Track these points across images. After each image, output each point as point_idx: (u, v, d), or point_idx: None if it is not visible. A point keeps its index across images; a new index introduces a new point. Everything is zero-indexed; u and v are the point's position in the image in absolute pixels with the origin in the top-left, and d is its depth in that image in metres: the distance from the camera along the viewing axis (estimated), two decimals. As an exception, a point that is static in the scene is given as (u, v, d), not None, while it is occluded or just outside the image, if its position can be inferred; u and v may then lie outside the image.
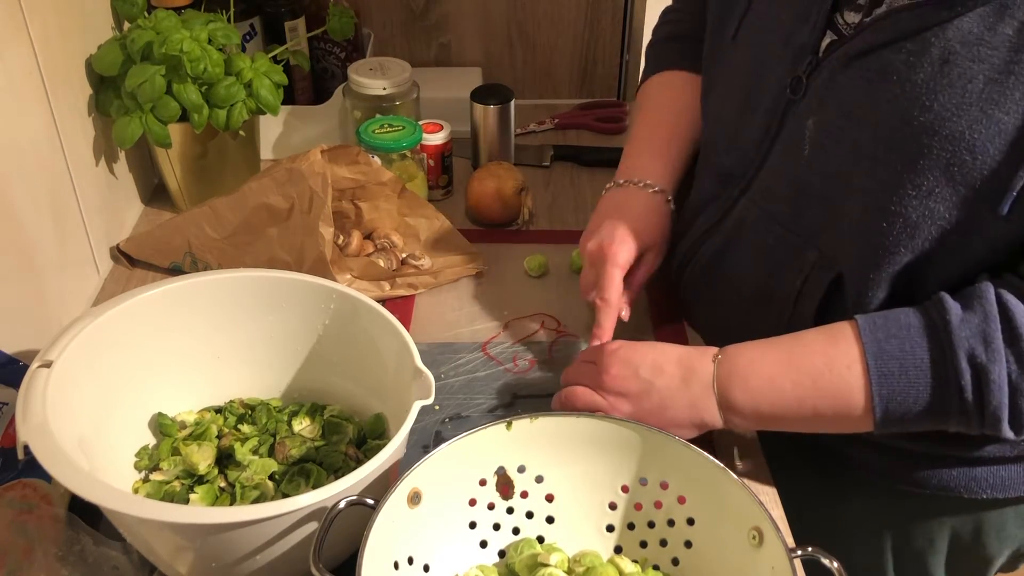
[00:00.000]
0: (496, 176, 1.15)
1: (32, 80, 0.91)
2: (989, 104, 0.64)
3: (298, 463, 0.78)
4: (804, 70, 0.76)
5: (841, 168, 0.73)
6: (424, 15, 1.44)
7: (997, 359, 0.66)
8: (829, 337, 0.73)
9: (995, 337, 0.66)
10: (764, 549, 0.63)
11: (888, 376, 0.69)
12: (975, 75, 0.65)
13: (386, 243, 1.08)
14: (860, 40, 0.71)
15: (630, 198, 0.93)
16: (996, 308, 0.67)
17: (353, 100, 1.20)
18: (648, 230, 0.91)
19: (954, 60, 0.65)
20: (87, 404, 0.73)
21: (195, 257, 1.03)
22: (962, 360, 0.67)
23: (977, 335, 0.67)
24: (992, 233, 0.68)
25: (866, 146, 0.71)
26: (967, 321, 0.67)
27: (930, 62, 0.67)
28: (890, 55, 0.69)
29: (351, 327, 0.80)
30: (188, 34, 1.01)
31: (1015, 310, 0.66)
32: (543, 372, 0.95)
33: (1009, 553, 0.91)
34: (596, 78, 1.51)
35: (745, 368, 0.75)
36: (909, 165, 0.68)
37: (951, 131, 0.66)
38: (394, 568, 0.64)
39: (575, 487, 0.73)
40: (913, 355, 0.69)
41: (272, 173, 0.98)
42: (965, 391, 0.67)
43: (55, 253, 0.96)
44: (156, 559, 0.70)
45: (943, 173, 0.67)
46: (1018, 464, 0.82)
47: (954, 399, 0.68)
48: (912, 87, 0.67)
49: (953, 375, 0.68)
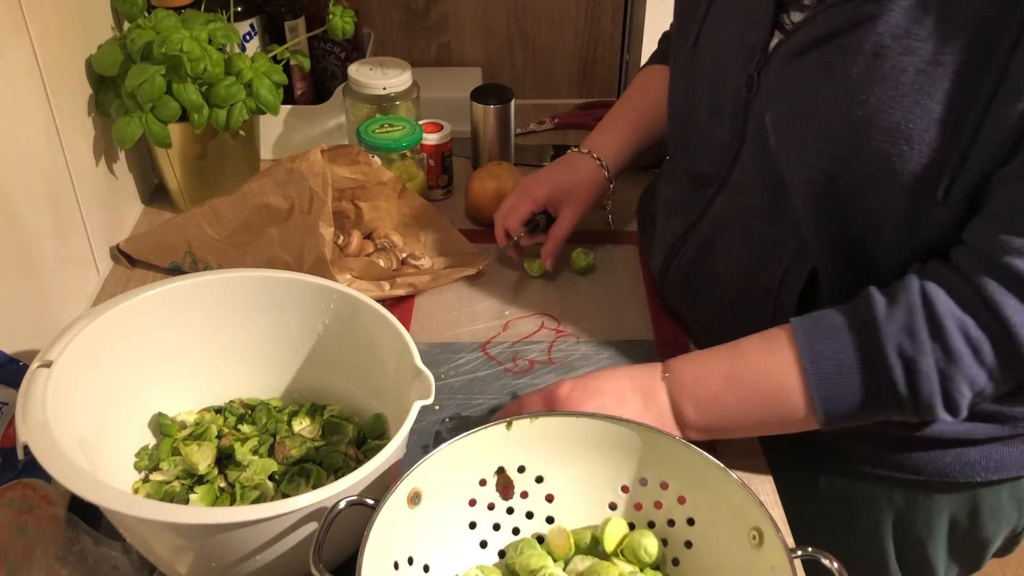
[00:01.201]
0: (496, 176, 1.15)
1: (32, 80, 0.91)
2: (921, 95, 0.67)
3: (298, 463, 0.78)
4: (755, 68, 0.79)
5: (793, 160, 0.77)
6: (424, 15, 1.44)
7: (924, 350, 0.68)
8: (766, 346, 0.76)
9: (920, 329, 0.69)
10: (764, 549, 0.63)
11: (824, 378, 0.72)
12: (906, 67, 0.67)
13: (386, 243, 1.08)
14: (798, 37, 0.74)
15: (573, 159, 1.06)
16: (920, 300, 0.69)
17: (353, 100, 1.20)
18: (573, 185, 1.03)
19: (885, 54, 0.68)
20: (87, 404, 0.73)
21: (195, 257, 1.03)
22: (891, 355, 0.69)
23: (903, 329, 0.69)
24: (936, 219, 0.71)
25: (811, 139, 0.74)
26: (893, 316, 0.70)
27: (863, 56, 0.69)
28: (828, 51, 0.72)
29: (351, 327, 0.80)
30: (188, 34, 1.01)
31: (936, 300, 0.69)
32: (543, 372, 0.95)
33: (1004, 535, 0.92)
34: (596, 78, 1.51)
35: (692, 386, 0.78)
36: (852, 156, 0.71)
37: (888, 123, 0.68)
38: (394, 568, 0.64)
39: (575, 487, 0.73)
40: (846, 355, 0.71)
41: (272, 173, 0.98)
42: (898, 384, 0.70)
43: (55, 253, 0.96)
44: (156, 559, 0.70)
45: (884, 163, 0.70)
46: (1011, 445, 0.83)
47: (888, 393, 0.70)
48: (848, 81, 0.70)
49: (885, 370, 0.70)
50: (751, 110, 0.80)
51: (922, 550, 0.92)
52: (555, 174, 1.04)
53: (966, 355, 0.68)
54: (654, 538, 0.70)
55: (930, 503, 0.88)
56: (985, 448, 0.83)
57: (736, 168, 0.84)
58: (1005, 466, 0.84)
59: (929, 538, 0.91)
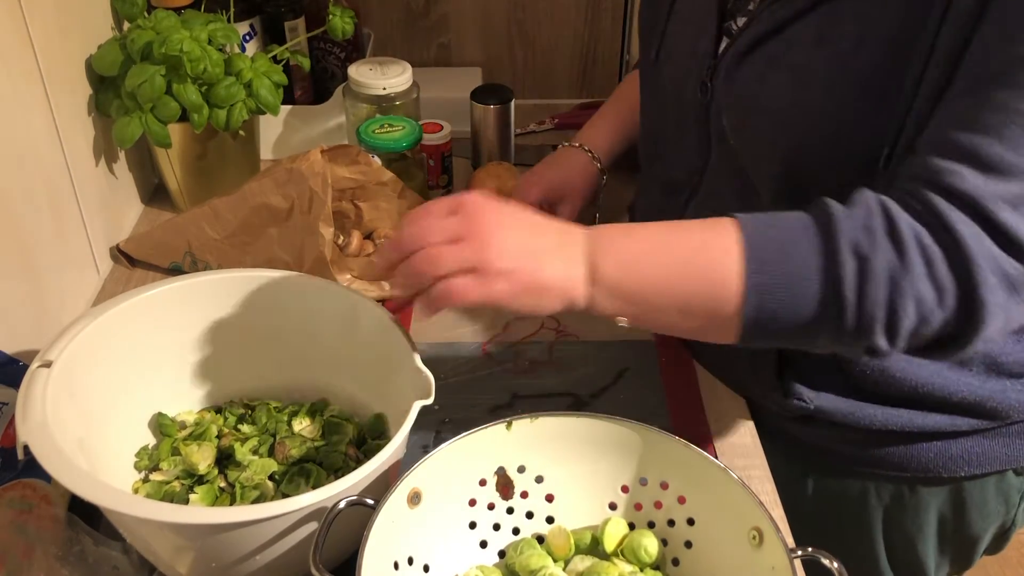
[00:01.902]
0: (496, 176, 1.15)
1: (32, 80, 0.91)
2: (860, 74, 0.70)
3: (298, 463, 0.78)
4: (707, 74, 0.81)
5: (755, 158, 0.79)
6: (424, 15, 1.44)
7: (879, 248, 0.62)
8: (709, 224, 0.67)
9: (877, 228, 0.63)
10: (764, 549, 0.63)
11: (766, 264, 0.63)
12: (846, 49, 0.70)
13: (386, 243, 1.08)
14: (744, 38, 0.77)
15: (564, 154, 1.06)
16: (877, 205, 0.64)
17: (353, 100, 1.20)
18: (567, 181, 1.03)
19: (825, 38, 0.71)
20: (87, 404, 0.73)
21: (195, 257, 1.03)
22: (845, 249, 0.62)
23: (860, 227, 0.63)
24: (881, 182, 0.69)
25: (766, 132, 0.76)
26: (851, 216, 0.64)
27: (805, 46, 0.72)
28: (772, 45, 0.75)
29: (351, 327, 0.80)
30: (188, 34, 1.01)
31: (892, 208, 0.64)
32: (543, 372, 0.95)
33: (993, 531, 0.93)
34: (596, 78, 1.51)
35: (619, 241, 0.68)
36: (805, 142, 0.73)
37: (834, 105, 0.71)
38: (394, 568, 0.64)
39: (575, 487, 0.73)
40: (795, 245, 0.64)
41: (272, 173, 0.98)
42: (846, 282, 0.62)
43: (55, 253, 0.96)
44: (156, 559, 0.70)
45: (834, 145, 0.72)
46: (992, 438, 0.84)
47: (832, 293, 0.63)
48: (794, 70, 0.73)
49: (834, 265, 0.62)
50: (710, 115, 0.82)
51: (912, 548, 0.92)
52: (547, 173, 1.05)
53: (918, 264, 0.62)
54: (654, 538, 0.71)
55: (917, 500, 0.88)
56: (967, 441, 0.83)
57: (707, 173, 0.86)
58: (988, 460, 0.84)
59: (918, 535, 0.91)
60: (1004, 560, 1.78)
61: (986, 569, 0.98)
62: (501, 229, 0.65)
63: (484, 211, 0.65)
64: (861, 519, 0.91)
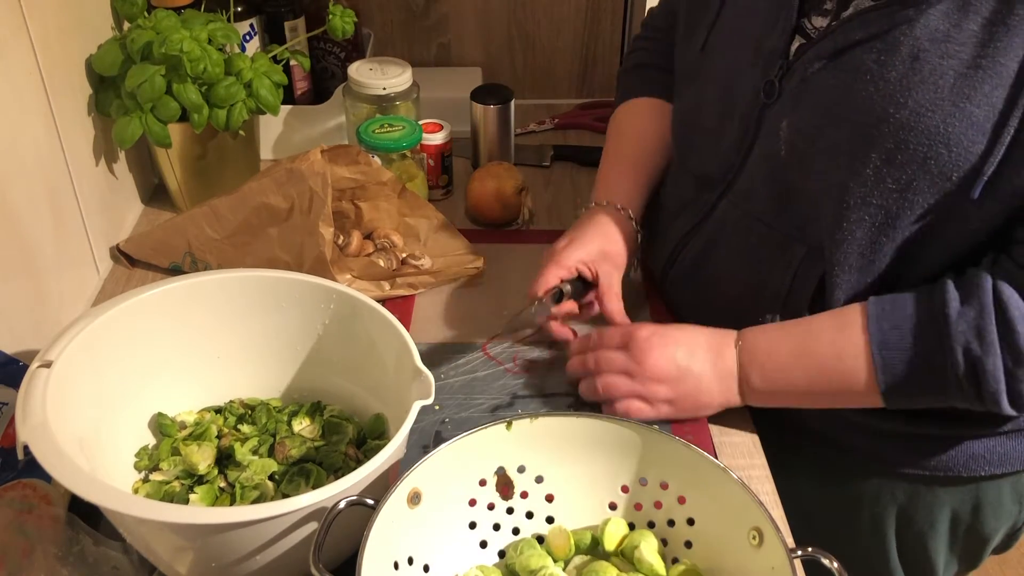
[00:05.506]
0: (496, 176, 1.15)
1: (32, 80, 0.91)
2: (960, 98, 0.68)
3: (298, 463, 0.78)
4: (776, 74, 0.79)
5: (818, 166, 0.76)
6: (424, 15, 1.44)
7: (991, 352, 0.70)
8: (838, 325, 0.77)
9: (990, 331, 0.70)
10: (764, 549, 0.63)
11: (891, 365, 0.74)
12: (945, 71, 0.68)
13: (386, 243, 1.08)
14: (829, 42, 0.74)
15: (596, 215, 0.96)
16: (992, 300, 0.70)
17: (353, 100, 1.20)
18: (608, 247, 0.93)
19: (924, 57, 0.69)
20: (87, 404, 0.73)
21: (195, 257, 1.03)
22: (958, 353, 0.71)
23: (973, 329, 0.71)
24: (966, 218, 0.72)
25: (843, 143, 0.74)
26: (964, 315, 0.71)
27: (901, 60, 0.70)
28: (861, 55, 0.72)
29: (351, 327, 0.80)
30: (188, 34, 1.01)
31: (1010, 302, 0.70)
32: (543, 372, 0.95)
33: (1004, 531, 0.93)
34: (596, 78, 1.51)
35: (763, 356, 0.81)
36: (887, 160, 0.72)
37: (927, 126, 0.69)
38: (394, 568, 0.64)
39: (575, 487, 0.73)
40: (914, 347, 0.73)
41: (272, 173, 0.98)
42: (961, 382, 0.72)
43: (55, 253, 0.96)
44: (156, 559, 0.70)
45: (921, 166, 0.70)
46: (1015, 438, 0.84)
47: (951, 386, 0.73)
48: (886, 85, 0.71)
49: (951, 367, 0.72)
50: (766, 115, 0.80)
51: (923, 546, 0.92)
52: (588, 240, 0.93)
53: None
54: (654, 538, 0.71)
55: (932, 498, 0.88)
56: (989, 441, 0.84)
57: (743, 172, 0.84)
58: (1009, 459, 0.84)
59: (930, 533, 0.91)
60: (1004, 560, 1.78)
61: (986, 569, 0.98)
62: (661, 362, 0.82)
63: (648, 350, 0.82)
64: (874, 515, 0.91)
